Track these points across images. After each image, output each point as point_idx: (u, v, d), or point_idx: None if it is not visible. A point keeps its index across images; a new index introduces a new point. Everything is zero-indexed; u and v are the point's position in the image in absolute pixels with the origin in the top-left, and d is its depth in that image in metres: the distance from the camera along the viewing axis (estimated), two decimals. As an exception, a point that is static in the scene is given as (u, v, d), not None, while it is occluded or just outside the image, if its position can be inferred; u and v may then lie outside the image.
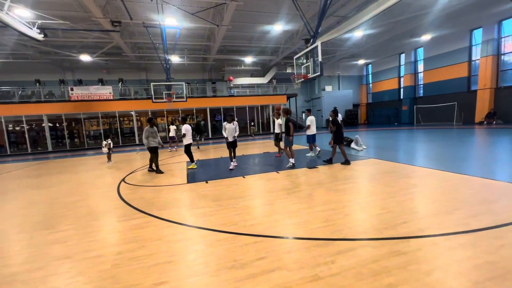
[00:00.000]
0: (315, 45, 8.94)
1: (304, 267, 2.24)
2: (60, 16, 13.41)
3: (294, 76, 10.65)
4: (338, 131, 6.54)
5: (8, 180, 7.63)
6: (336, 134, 6.56)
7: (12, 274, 2.42)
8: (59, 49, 17.93)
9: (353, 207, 3.65)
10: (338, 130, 6.53)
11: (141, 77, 24.31)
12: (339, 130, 6.53)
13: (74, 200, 4.86)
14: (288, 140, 6.64)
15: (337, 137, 6.57)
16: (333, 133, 6.57)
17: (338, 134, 6.55)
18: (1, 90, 18.14)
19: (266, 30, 17.78)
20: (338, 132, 6.54)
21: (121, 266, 2.42)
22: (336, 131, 6.54)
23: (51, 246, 2.96)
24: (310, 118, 8.05)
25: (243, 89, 23.76)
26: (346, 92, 28.26)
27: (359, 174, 5.63)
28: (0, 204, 4.95)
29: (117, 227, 3.48)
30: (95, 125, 21.60)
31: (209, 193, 4.73)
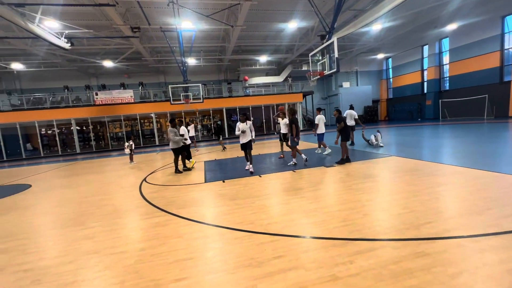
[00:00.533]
0: (331, 41, 8.73)
1: (322, 266, 2.21)
2: (84, 25, 14.21)
3: (309, 73, 10.48)
4: (345, 129, 6.46)
5: (42, 180, 8.23)
6: (342, 132, 6.46)
7: (46, 266, 2.61)
8: (84, 56, 19.01)
9: (372, 206, 3.54)
10: (345, 128, 6.45)
11: (159, 80, 25.13)
12: (346, 127, 6.46)
13: (100, 199, 5.14)
14: (293, 140, 6.69)
15: (343, 134, 6.47)
16: (339, 131, 6.47)
17: (345, 131, 6.46)
18: (34, 97, 19.57)
19: (280, 28, 17.66)
20: (345, 129, 6.46)
21: (144, 262, 2.53)
22: (342, 129, 6.44)
23: (80, 241, 3.17)
24: (319, 117, 8.20)
25: (258, 88, 23.79)
26: (364, 88, 27.31)
27: (379, 172, 5.44)
28: (36, 202, 5.36)
29: (139, 224, 3.64)
30: (118, 127, 22.67)
31: (226, 192, 4.80)
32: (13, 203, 5.47)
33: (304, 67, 25.20)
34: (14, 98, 19.75)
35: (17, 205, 5.23)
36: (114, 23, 13.43)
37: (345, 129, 6.47)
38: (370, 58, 27.78)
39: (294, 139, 6.65)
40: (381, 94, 29.20)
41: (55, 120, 18.96)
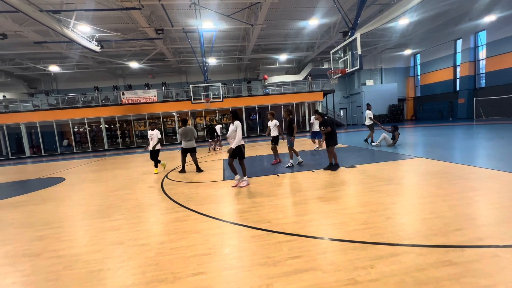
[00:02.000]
0: (354, 38, 8.44)
1: (340, 269, 2.15)
2: (113, 28, 15.02)
3: (331, 71, 10.22)
4: (332, 133, 5.96)
5: (74, 174, 8.85)
6: (329, 136, 5.97)
7: (77, 254, 2.81)
8: (113, 58, 20.12)
9: (396, 210, 3.37)
10: (332, 132, 5.95)
11: (181, 80, 25.92)
12: (333, 131, 5.97)
13: (126, 193, 5.42)
14: (290, 140, 6.61)
15: (330, 138, 5.97)
16: (326, 134, 6.00)
17: (332, 135, 5.97)
18: (68, 97, 21.09)
19: (301, 26, 17.40)
20: (332, 133, 5.97)
21: (164, 255, 2.63)
22: (330, 133, 5.95)
23: (107, 232, 3.36)
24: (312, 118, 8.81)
25: (277, 87, 23.66)
26: (390, 86, 26.09)
27: (404, 174, 5.17)
28: (69, 194, 5.78)
29: (160, 219, 3.78)
30: (142, 125, 23.75)
31: (244, 190, 4.84)
32: (50, 194, 5.94)
33: (325, 65, 24.60)
34: (51, 98, 21.44)
35: (53, 196, 5.67)
36: (140, 25, 14.06)
37: (332, 133, 5.97)
38: (396, 54, 26.45)
39: (291, 140, 6.56)
40: (407, 92, 27.72)
41: (86, 118, 20.29)
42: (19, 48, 16.94)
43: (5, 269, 2.64)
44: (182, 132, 7.05)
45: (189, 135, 7.04)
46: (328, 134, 5.95)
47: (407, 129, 16.65)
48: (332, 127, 5.90)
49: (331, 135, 5.94)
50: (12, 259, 2.83)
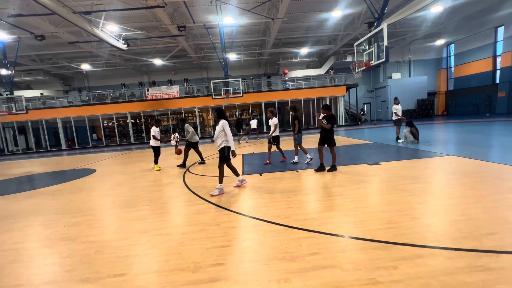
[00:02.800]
0: (380, 28, 8.02)
1: (360, 268, 2.10)
2: (138, 27, 15.60)
3: (354, 64, 9.82)
4: (331, 132, 5.42)
5: (104, 166, 9.45)
6: (328, 134, 5.42)
7: (107, 240, 3.02)
8: (138, 55, 20.96)
9: (423, 210, 3.20)
10: (331, 131, 5.41)
11: (202, 76, 26.39)
12: (332, 130, 5.42)
13: (150, 185, 5.69)
14: (295, 138, 6.42)
15: (328, 138, 5.43)
16: (326, 132, 5.42)
17: (330, 134, 5.42)
18: (99, 93, 22.41)
19: (323, 18, 16.84)
20: (330, 132, 5.42)
21: (185, 245, 2.74)
22: (328, 131, 5.40)
23: (133, 221, 3.56)
24: None
25: (298, 81, 23.23)
26: (419, 79, 24.44)
27: (433, 173, 4.88)
28: (99, 185, 6.19)
29: (182, 210, 3.93)
30: (165, 120, 24.61)
31: (263, 186, 4.86)
32: (83, 184, 6.41)
33: (348, 58, 23.65)
34: (83, 94, 22.92)
35: (85, 186, 6.12)
36: (163, 23, 14.46)
37: (331, 132, 5.45)
38: (426, 45, 24.67)
39: (295, 137, 6.37)
40: (438, 85, 25.87)
41: (115, 113, 21.46)
42: (56, 48, 18.23)
43: (46, 251, 2.91)
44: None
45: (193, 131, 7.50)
46: (327, 132, 5.41)
47: (437, 125, 15.62)
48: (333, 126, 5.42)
49: (330, 133, 5.42)
50: (52, 242, 3.11)
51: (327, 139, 5.45)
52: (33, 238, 3.32)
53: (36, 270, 2.52)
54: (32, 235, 3.40)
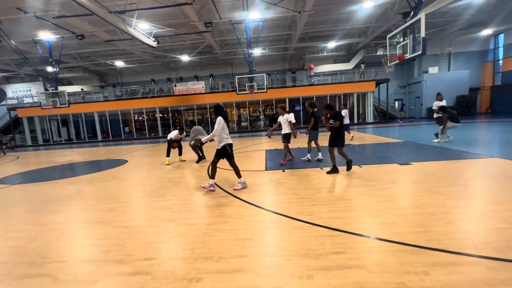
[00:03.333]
0: (417, 18, 7.45)
1: (388, 271, 2.01)
2: (167, 24, 16.18)
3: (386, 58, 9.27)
4: (340, 131, 5.05)
5: (135, 157, 10.04)
6: (337, 133, 5.05)
7: (138, 226, 3.22)
8: (167, 52, 21.78)
9: (460, 215, 2.96)
10: (340, 129, 5.04)
11: (227, 71, 26.72)
12: (341, 129, 5.05)
13: (176, 176, 5.94)
14: (310, 134, 6.30)
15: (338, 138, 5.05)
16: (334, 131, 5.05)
17: (340, 133, 5.05)
18: (130, 89, 23.74)
19: (353, 9, 16.06)
20: (340, 131, 5.05)
21: (210, 235, 2.83)
22: (338, 130, 5.04)
23: (161, 210, 3.75)
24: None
25: (324, 77, 22.54)
26: (459, 74, 22.36)
27: (474, 176, 4.48)
28: (131, 175, 6.61)
29: (207, 202, 4.05)
30: (191, 115, 25.42)
31: (286, 182, 4.83)
32: (116, 173, 6.89)
33: (379, 52, 22.38)
34: (117, 90, 24.45)
35: (118, 176, 6.57)
36: (191, 20, 14.83)
37: (340, 131, 5.06)
38: (470, 36, 22.45)
39: (306, 133, 6.26)
40: (483, 80, 23.51)
41: (145, 108, 22.61)
42: (93, 47, 19.60)
43: (85, 232, 3.19)
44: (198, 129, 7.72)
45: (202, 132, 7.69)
46: (337, 132, 5.07)
47: (480, 124, 14.26)
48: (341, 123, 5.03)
49: (339, 133, 5.08)
50: (90, 225, 3.40)
51: (337, 139, 5.10)
52: (74, 220, 3.66)
53: (77, 248, 2.77)
54: (73, 218, 3.74)
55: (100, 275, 2.21)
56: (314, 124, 6.23)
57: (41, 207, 4.29)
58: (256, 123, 25.58)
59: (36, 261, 2.52)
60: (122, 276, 2.18)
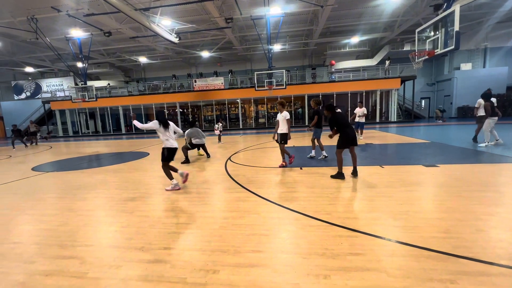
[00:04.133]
0: (451, 10, 6.95)
1: (410, 276, 1.92)
2: (189, 21, 16.43)
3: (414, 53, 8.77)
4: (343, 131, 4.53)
5: (156, 150, 10.40)
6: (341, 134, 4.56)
7: (158, 216, 3.34)
8: (188, 48, 22.17)
9: (492, 222, 2.76)
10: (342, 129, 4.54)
11: (246, 67, 26.72)
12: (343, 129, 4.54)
13: (196, 170, 6.07)
14: (315, 132, 6.42)
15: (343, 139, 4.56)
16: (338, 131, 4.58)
17: (343, 135, 4.54)
18: (153, 84, 24.54)
19: (379, 2, 15.32)
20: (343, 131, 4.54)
21: (226, 229, 2.87)
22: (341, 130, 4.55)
23: (180, 202, 3.87)
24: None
25: (345, 73, 21.83)
26: (496, 71, 20.67)
27: (509, 181, 4.15)
28: (152, 167, 6.86)
29: (224, 196, 4.11)
30: (210, 111, 25.81)
31: (303, 179, 4.77)
32: (139, 165, 7.18)
33: (405, 47, 21.23)
34: (140, 85, 25.39)
35: (140, 167, 6.85)
36: (212, 16, 14.94)
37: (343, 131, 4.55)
38: (509, 30, 20.57)
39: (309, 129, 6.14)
40: (522, 78, 21.53)
41: (166, 103, 23.30)
42: (119, 43, 20.44)
43: (110, 220, 3.37)
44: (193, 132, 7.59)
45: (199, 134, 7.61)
46: (340, 131, 4.57)
47: (517, 125, 13.12)
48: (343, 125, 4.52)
49: (343, 133, 4.55)
50: (114, 213, 3.58)
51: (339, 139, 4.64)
52: (101, 207, 3.87)
53: (103, 234, 2.94)
54: (100, 205, 3.96)
55: (123, 260, 2.33)
56: (318, 121, 6.19)
57: (71, 194, 4.59)
58: (274, 119, 25.44)
59: (66, 243, 2.71)
60: (143, 263, 2.28)
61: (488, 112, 6.95)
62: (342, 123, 4.55)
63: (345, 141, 4.54)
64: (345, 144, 4.55)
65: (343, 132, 4.54)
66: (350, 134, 4.52)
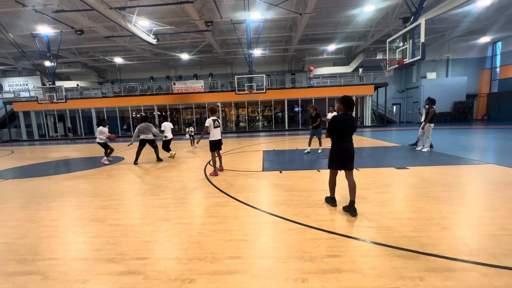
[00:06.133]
0: (417, 23, 7.49)
1: (383, 276, 1.99)
2: (168, 22, 16.09)
3: (385, 62, 9.30)
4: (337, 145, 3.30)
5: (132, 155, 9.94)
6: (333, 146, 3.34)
7: (131, 225, 3.17)
8: (166, 50, 21.67)
9: (456, 220, 2.96)
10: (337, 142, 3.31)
11: (227, 71, 26.65)
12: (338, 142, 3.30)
13: (173, 175, 5.89)
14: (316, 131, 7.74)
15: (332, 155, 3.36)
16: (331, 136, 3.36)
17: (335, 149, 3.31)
18: (129, 86, 23.59)
19: (354, 13, 16.11)
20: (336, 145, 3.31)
21: (204, 236, 2.79)
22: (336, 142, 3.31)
23: (156, 209, 3.71)
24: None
25: (323, 79, 22.58)
26: (457, 80, 22.53)
27: (470, 181, 4.50)
28: (126, 172, 6.54)
29: (202, 202, 4.02)
30: (189, 114, 25.32)
31: (283, 183, 4.81)
32: (112, 170, 6.81)
33: (378, 56, 22.48)
34: (115, 86, 24.27)
35: (114, 173, 6.50)
36: (192, 18, 14.76)
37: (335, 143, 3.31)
38: (468, 43, 22.65)
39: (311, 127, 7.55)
40: (480, 87, 23.76)
41: (143, 105, 22.48)
42: (92, 42, 19.44)
43: (78, 230, 3.14)
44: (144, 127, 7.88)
45: (148, 130, 7.92)
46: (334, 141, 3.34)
47: (476, 130, 14.37)
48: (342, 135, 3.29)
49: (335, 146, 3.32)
50: (83, 222, 3.34)
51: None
52: (67, 217, 3.60)
53: (69, 246, 2.72)
54: (66, 214, 3.68)
55: (91, 273, 2.17)
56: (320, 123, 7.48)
57: (33, 203, 4.23)
58: (255, 123, 25.56)
59: (26, 258, 2.47)
60: (113, 275, 2.14)
61: (433, 114, 7.27)
62: (341, 130, 3.26)
63: (335, 159, 3.30)
64: (335, 163, 3.33)
65: (336, 146, 3.29)
66: (344, 152, 3.24)
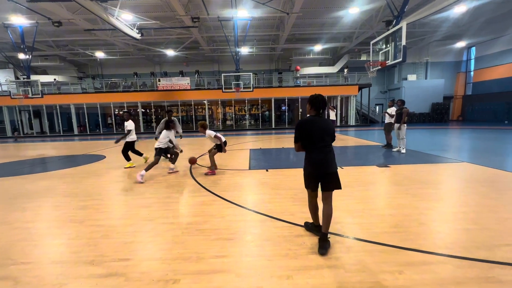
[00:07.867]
0: (399, 27, 7.76)
1: (364, 270, 2.06)
2: (152, 17, 15.65)
3: (369, 63, 9.57)
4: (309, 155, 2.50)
5: (114, 153, 9.61)
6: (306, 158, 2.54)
7: (113, 225, 3.07)
8: (151, 46, 21.07)
9: (432, 216, 3.11)
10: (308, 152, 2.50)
11: (214, 68, 26.35)
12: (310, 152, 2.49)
13: (157, 174, 5.76)
14: None
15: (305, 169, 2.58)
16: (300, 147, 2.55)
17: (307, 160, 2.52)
18: (111, 82, 22.73)
19: (340, 14, 16.43)
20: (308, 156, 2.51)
21: (189, 235, 2.75)
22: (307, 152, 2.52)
23: (139, 208, 3.61)
24: None
25: (310, 79, 22.90)
26: (435, 82, 23.69)
27: (445, 179, 4.73)
28: (108, 171, 6.31)
29: (188, 201, 3.96)
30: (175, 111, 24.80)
31: (269, 181, 4.83)
32: (92, 169, 6.55)
33: (363, 57, 23.11)
34: (97, 82, 23.31)
35: (95, 172, 6.25)
36: (177, 14, 14.44)
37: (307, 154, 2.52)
38: (446, 47, 23.79)
39: None
40: (456, 89, 25.04)
41: (126, 102, 21.76)
42: (72, 35, 18.53)
43: (55, 231, 2.99)
44: None
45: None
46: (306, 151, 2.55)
47: (452, 130, 15.16)
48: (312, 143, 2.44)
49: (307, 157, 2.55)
50: (61, 223, 3.19)
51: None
52: (43, 218, 3.42)
53: (45, 249, 2.59)
54: (42, 216, 3.50)
55: (69, 277, 2.08)
56: None
57: (6, 203, 3.98)
58: (242, 122, 25.49)
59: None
60: (93, 278, 2.06)
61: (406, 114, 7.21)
62: (311, 136, 2.41)
63: (310, 176, 2.49)
64: (312, 182, 2.49)
65: (308, 158, 2.50)
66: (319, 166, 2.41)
